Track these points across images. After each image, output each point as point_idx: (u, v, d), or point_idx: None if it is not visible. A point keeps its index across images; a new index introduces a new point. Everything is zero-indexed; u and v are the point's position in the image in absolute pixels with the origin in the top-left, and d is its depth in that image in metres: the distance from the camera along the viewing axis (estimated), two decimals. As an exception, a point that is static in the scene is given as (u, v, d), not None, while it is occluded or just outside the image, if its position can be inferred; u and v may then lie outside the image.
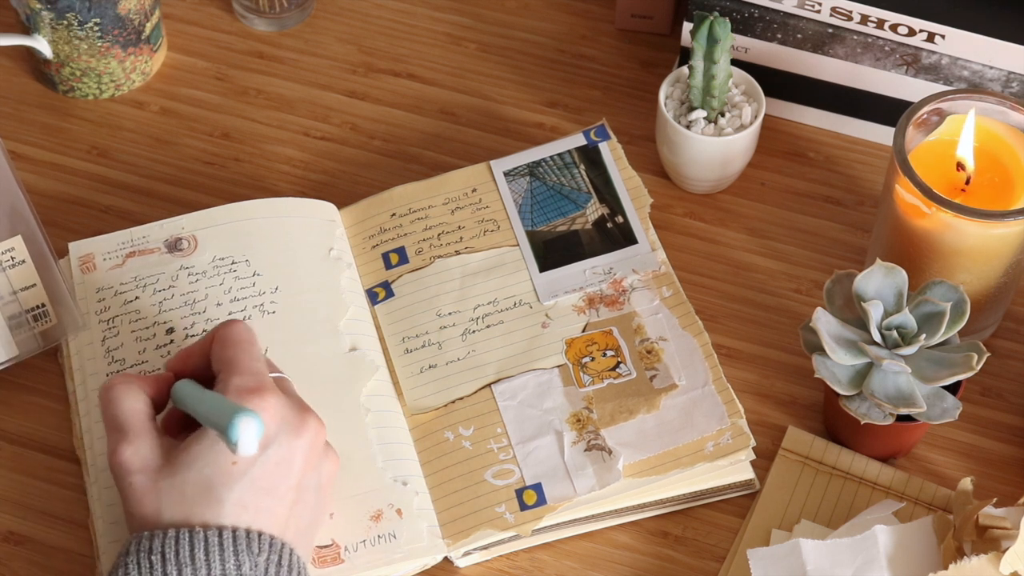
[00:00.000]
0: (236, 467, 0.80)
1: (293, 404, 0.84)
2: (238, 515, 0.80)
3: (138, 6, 1.11)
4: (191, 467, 0.80)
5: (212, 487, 0.80)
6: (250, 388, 0.82)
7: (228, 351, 0.85)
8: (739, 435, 0.94)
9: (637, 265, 1.02)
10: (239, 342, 0.85)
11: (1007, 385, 1.01)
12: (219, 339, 0.86)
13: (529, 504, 0.92)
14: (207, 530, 0.79)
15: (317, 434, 0.84)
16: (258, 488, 0.81)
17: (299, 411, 0.84)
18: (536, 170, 1.06)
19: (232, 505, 0.80)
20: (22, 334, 0.96)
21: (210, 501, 0.80)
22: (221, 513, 0.80)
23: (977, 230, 0.93)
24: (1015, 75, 1.04)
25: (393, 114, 1.15)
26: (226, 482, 0.80)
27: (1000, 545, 0.87)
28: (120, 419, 0.83)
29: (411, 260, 1.03)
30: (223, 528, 0.79)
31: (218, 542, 0.79)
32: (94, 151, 1.12)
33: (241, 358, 0.84)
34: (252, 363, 0.84)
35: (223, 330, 0.86)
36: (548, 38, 1.19)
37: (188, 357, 0.88)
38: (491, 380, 0.97)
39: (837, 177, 1.11)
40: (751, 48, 1.10)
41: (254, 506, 0.81)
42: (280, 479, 0.82)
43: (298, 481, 0.83)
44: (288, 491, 0.82)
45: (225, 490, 0.80)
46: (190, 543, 0.78)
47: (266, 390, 0.82)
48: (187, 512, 0.80)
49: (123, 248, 1.01)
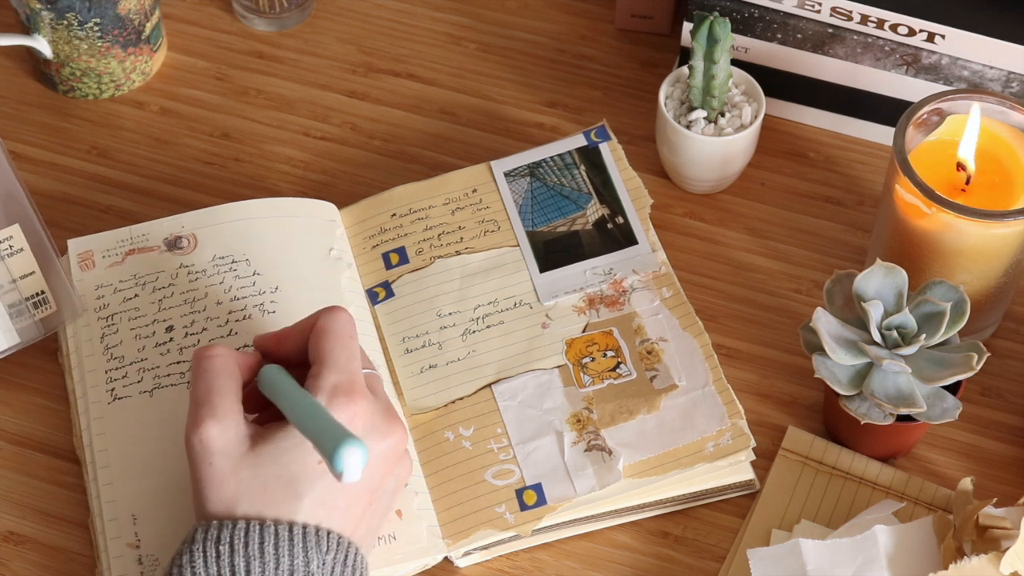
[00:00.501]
0: (320, 466, 0.80)
1: (381, 408, 0.83)
2: (314, 513, 0.79)
3: (138, 6, 1.11)
4: (276, 461, 0.79)
5: (294, 483, 0.79)
6: (343, 389, 0.81)
7: (327, 343, 0.83)
8: (739, 436, 0.94)
9: (637, 266, 1.02)
10: (340, 335, 0.83)
11: (1007, 385, 1.01)
12: (319, 329, 0.84)
13: (529, 504, 0.92)
14: (278, 524, 0.78)
15: (400, 441, 0.83)
16: (338, 490, 0.80)
17: (386, 416, 0.83)
18: (536, 171, 1.06)
19: (310, 503, 0.79)
20: (22, 322, 0.96)
21: (289, 497, 0.79)
22: (298, 509, 0.79)
23: (977, 230, 0.93)
24: (1015, 75, 1.04)
25: (393, 114, 1.15)
26: (308, 480, 0.79)
27: (1000, 545, 0.87)
28: (213, 393, 0.81)
29: (411, 260, 1.03)
30: (294, 524, 0.79)
31: (288, 537, 0.78)
32: (94, 151, 1.12)
33: (338, 353, 0.83)
34: (348, 361, 0.83)
35: (324, 319, 0.84)
36: (548, 38, 1.19)
37: (282, 340, 0.86)
38: (491, 380, 0.97)
39: (837, 177, 1.11)
40: (751, 48, 1.10)
41: (331, 505, 0.80)
42: (361, 482, 0.81)
43: (377, 485, 0.82)
44: (365, 493, 0.82)
45: (306, 488, 0.79)
46: (260, 536, 0.78)
47: (357, 392, 0.81)
48: (264, 505, 0.79)
49: (122, 246, 1.01)
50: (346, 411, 0.80)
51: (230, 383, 0.82)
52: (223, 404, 0.81)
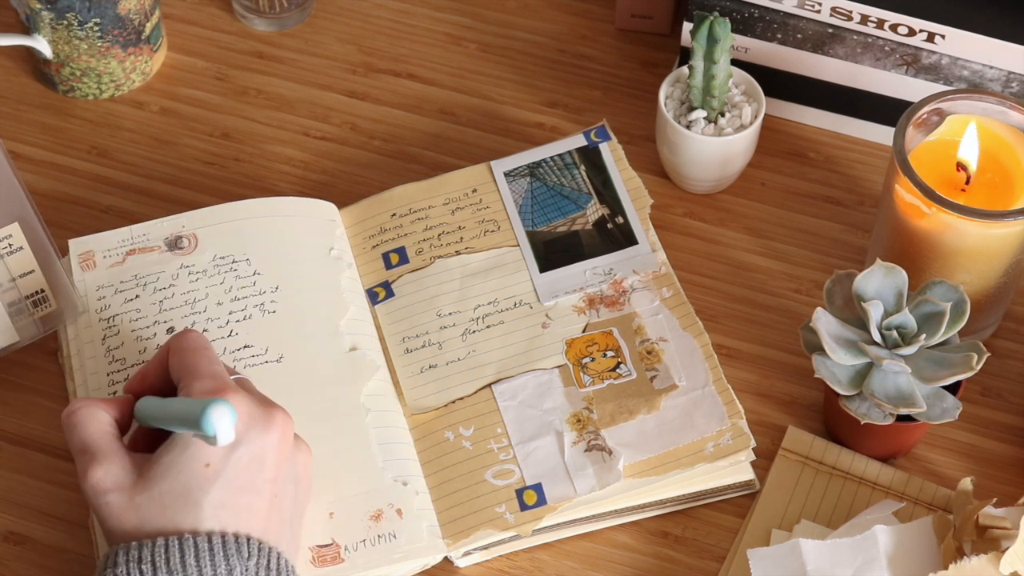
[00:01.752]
0: (210, 469, 0.80)
1: (257, 400, 0.84)
2: (218, 516, 0.80)
3: (138, 6, 1.11)
4: (165, 477, 0.80)
5: (189, 492, 0.80)
6: (212, 390, 0.82)
7: (185, 359, 0.85)
8: (739, 436, 0.94)
9: (637, 266, 1.02)
10: (195, 349, 0.85)
11: (1007, 385, 1.01)
12: (174, 350, 0.86)
13: (529, 504, 0.92)
14: (196, 536, 0.79)
15: (286, 426, 0.84)
16: (235, 487, 0.81)
17: (264, 406, 0.84)
18: (536, 171, 1.06)
19: (211, 507, 0.80)
20: (22, 320, 0.96)
21: (189, 506, 0.80)
22: (201, 516, 0.80)
23: (977, 230, 0.93)
24: (1015, 75, 1.04)
25: (393, 114, 1.15)
26: (202, 485, 0.80)
27: (1000, 545, 0.87)
28: (87, 442, 0.83)
29: (411, 260, 1.03)
30: (211, 533, 0.79)
31: (208, 547, 0.79)
32: (94, 151, 1.12)
33: (199, 363, 0.84)
34: (211, 366, 0.84)
35: (176, 341, 0.86)
36: (548, 38, 1.19)
37: (145, 376, 0.88)
38: (491, 380, 0.97)
39: (837, 177, 1.11)
40: (751, 48, 1.10)
41: (233, 505, 0.81)
42: (255, 475, 0.82)
43: (274, 475, 0.83)
44: (265, 485, 0.82)
45: (202, 493, 0.80)
46: (180, 550, 0.78)
47: (229, 390, 0.82)
48: (168, 521, 0.80)
49: (123, 246, 1.01)
50: None
51: (101, 427, 0.84)
52: (100, 447, 0.82)
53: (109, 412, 0.85)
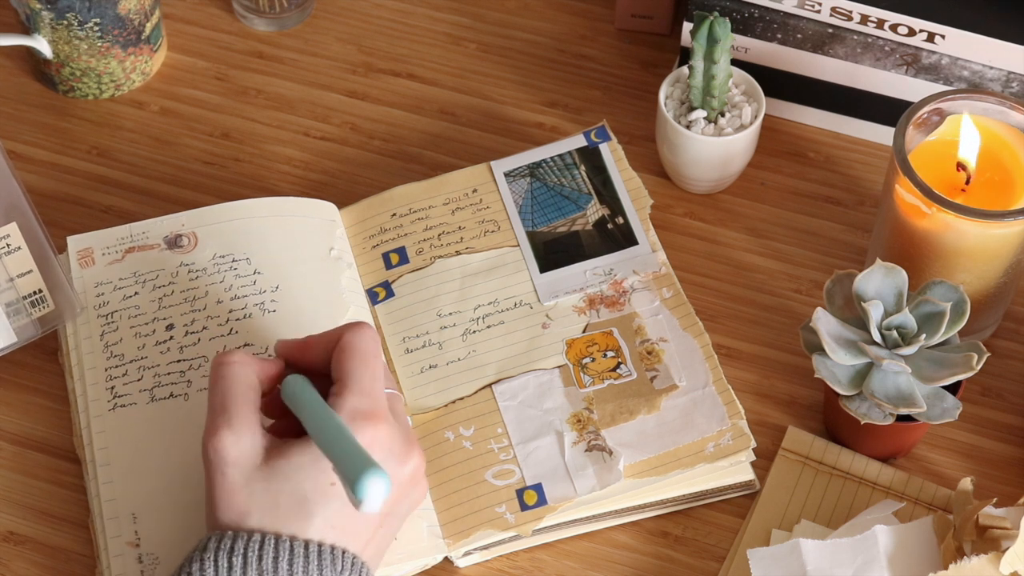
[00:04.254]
0: (334, 488, 0.79)
1: (401, 433, 0.82)
2: (324, 532, 0.79)
3: (138, 6, 1.11)
4: (290, 477, 0.79)
5: (306, 502, 0.79)
6: (365, 413, 0.80)
7: (351, 362, 0.82)
8: (739, 436, 0.94)
9: (637, 266, 1.02)
10: (364, 354, 0.83)
11: (1007, 385, 1.01)
12: (343, 345, 0.83)
13: (530, 504, 0.92)
14: (294, 540, 0.78)
15: (419, 467, 0.83)
16: (351, 512, 0.79)
17: (406, 441, 0.82)
18: (536, 171, 1.06)
19: (321, 523, 0.79)
20: (20, 321, 0.96)
21: (302, 515, 0.78)
22: (309, 528, 0.78)
23: (977, 230, 0.93)
24: (1015, 75, 1.04)
25: (393, 114, 1.15)
26: (321, 500, 0.79)
27: (1000, 545, 0.87)
28: (229, 401, 0.80)
29: (411, 260, 1.03)
30: (309, 541, 0.78)
31: (303, 553, 0.78)
32: (94, 151, 1.12)
33: (363, 374, 0.82)
34: (372, 382, 0.82)
35: (349, 335, 0.83)
36: (548, 38, 1.19)
37: (305, 349, 0.85)
38: (491, 380, 0.97)
39: (837, 177, 1.11)
40: (751, 48, 1.10)
41: (341, 527, 0.79)
42: None
43: (391, 508, 0.82)
44: (377, 517, 0.81)
45: (318, 507, 0.79)
46: (275, 550, 0.77)
47: (380, 417, 0.80)
48: (274, 520, 0.78)
49: (122, 243, 1.01)
50: (367, 435, 0.79)
51: (248, 392, 0.81)
52: (239, 414, 0.80)
53: (260, 375, 0.83)
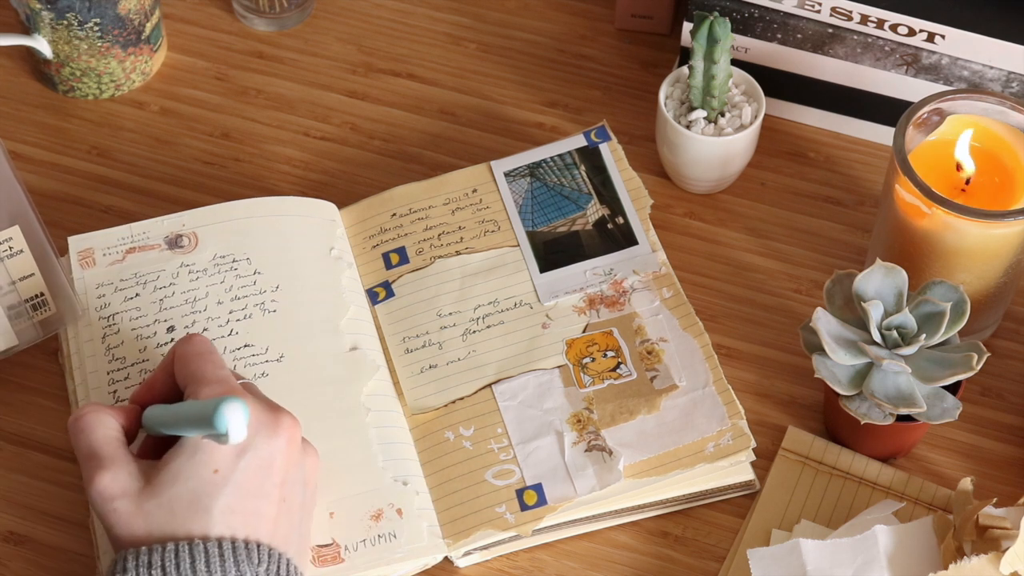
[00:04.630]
0: (219, 475, 0.80)
1: (264, 405, 0.84)
2: (228, 521, 0.80)
3: (138, 6, 1.11)
4: (174, 483, 0.80)
5: (198, 498, 0.80)
6: (220, 394, 0.82)
7: (191, 366, 0.85)
8: (739, 436, 0.94)
9: (637, 266, 1.02)
10: (200, 354, 0.85)
11: (1007, 385, 1.01)
12: (179, 357, 0.86)
13: (530, 504, 0.92)
14: (207, 542, 0.79)
15: (293, 431, 0.84)
16: (244, 492, 0.81)
17: (271, 411, 0.83)
18: (536, 171, 1.06)
19: (221, 512, 0.80)
20: (21, 323, 0.96)
21: (199, 512, 0.80)
22: (210, 522, 0.80)
23: (977, 230, 0.93)
24: (1015, 75, 1.04)
25: (393, 114, 1.15)
26: (211, 491, 0.80)
27: (1000, 545, 0.87)
28: (94, 447, 0.82)
29: (411, 260, 1.03)
30: (222, 539, 0.79)
31: (218, 552, 0.79)
32: (94, 151, 1.12)
33: (205, 368, 0.84)
34: (217, 371, 0.84)
35: (181, 347, 0.86)
36: (548, 38, 1.19)
37: (152, 385, 0.88)
38: (491, 380, 0.97)
39: (837, 177, 1.11)
40: (751, 48, 1.10)
41: (241, 510, 0.80)
42: (264, 480, 0.81)
43: (282, 479, 0.82)
44: (273, 489, 0.82)
45: (211, 499, 0.80)
46: (191, 555, 0.78)
47: (236, 393, 0.82)
48: (177, 527, 0.79)
49: (123, 244, 1.01)
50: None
51: (108, 432, 0.83)
52: (106, 453, 0.82)
53: (116, 419, 0.85)
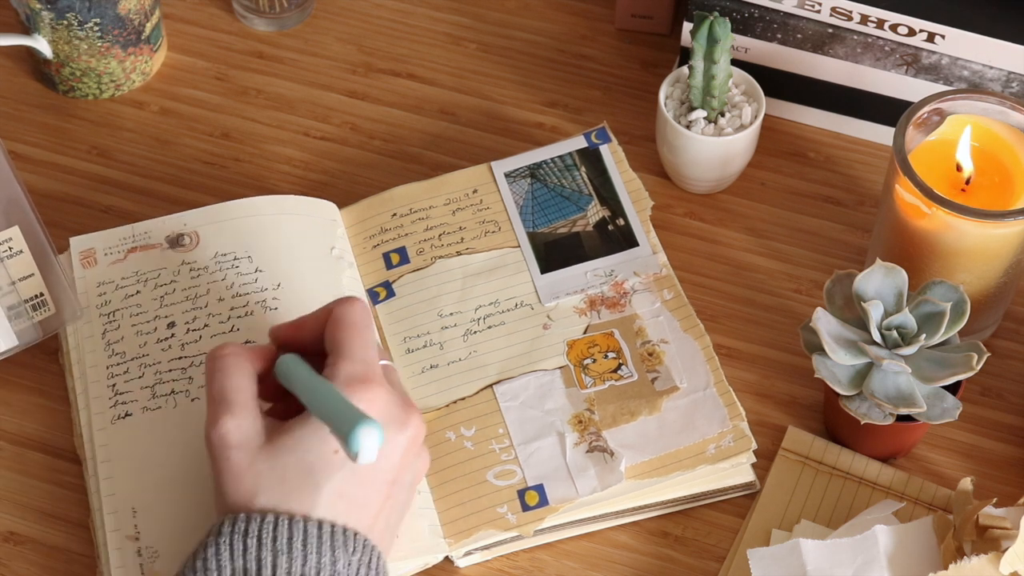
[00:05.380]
0: (338, 456, 0.79)
1: (398, 398, 0.83)
2: (334, 504, 0.79)
3: (138, 6, 1.11)
4: (293, 451, 0.79)
5: (312, 473, 0.79)
6: (359, 378, 0.81)
7: (342, 333, 0.83)
8: (740, 437, 0.94)
9: (638, 267, 1.02)
10: (354, 324, 0.84)
11: (1007, 385, 1.01)
12: (335, 318, 0.84)
13: (531, 505, 0.93)
14: (307, 521, 0.78)
15: (418, 431, 0.83)
16: (357, 480, 0.80)
17: (404, 406, 0.82)
18: (537, 172, 1.06)
19: (329, 494, 0.79)
20: (21, 324, 0.96)
21: (307, 487, 0.79)
22: (317, 501, 0.79)
23: (977, 230, 0.93)
24: (1015, 75, 1.04)
25: (393, 114, 1.15)
26: (326, 470, 0.79)
27: (1000, 545, 0.87)
28: (227, 391, 0.81)
29: (412, 260, 1.03)
30: (323, 521, 0.79)
31: (317, 534, 0.78)
32: (94, 151, 1.12)
33: (354, 343, 0.83)
34: (364, 350, 0.83)
35: (340, 308, 0.84)
36: (548, 38, 1.19)
37: (299, 329, 0.86)
38: (493, 381, 0.97)
39: (837, 177, 1.11)
40: (751, 48, 1.10)
41: (350, 497, 0.80)
42: (378, 473, 0.81)
43: (395, 477, 0.82)
44: (384, 485, 0.81)
45: (324, 478, 0.79)
46: (289, 531, 0.78)
47: (374, 382, 0.81)
48: (283, 496, 0.79)
49: (124, 243, 1.01)
50: (363, 400, 0.80)
51: (243, 380, 0.82)
52: (237, 400, 0.81)
53: (255, 365, 0.84)
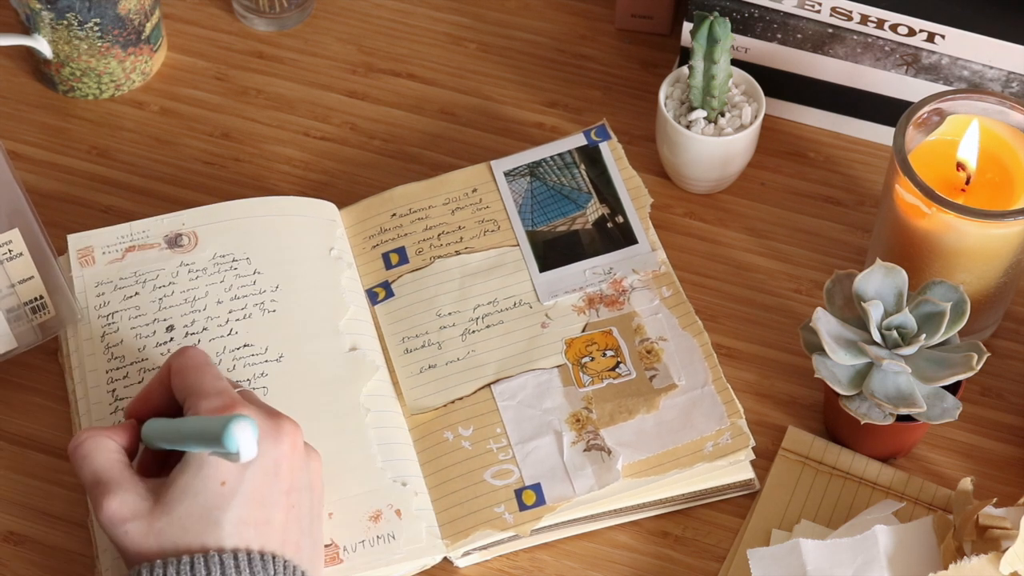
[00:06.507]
0: (226, 487, 0.80)
1: (264, 412, 0.84)
2: (240, 533, 0.80)
3: (138, 6, 1.11)
4: (183, 499, 0.80)
5: (209, 512, 0.80)
6: (221, 407, 0.82)
7: (188, 378, 0.85)
8: (738, 435, 0.94)
9: (637, 265, 1.02)
10: (197, 366, 0.85)
11: (1007, 385, 1.01)
12: (175, 370, 0.86)
13: (528, 504, 0.92)
14: (222, 553, 0.79)
15: (295, 436, 0.84)
16: (253, 502, 0.81)
17: (272, 418, 0.83)
18: (536, 170, 1.06)
19: (232, 524, 0.80)
20: (20, 326, 0.96)
21: (210, 526, 0.80)
22: (222, 535, 0.80)
23: (977, 230, 0.93)
24: (1015, 75, 1.04)
25: (393, 114, 1.15)
26: (220, 504, 0.80)
27: (1000, 545, 0.87)
28: (98, 472, 0.82)
29: (411, 260, 1.03)
30: (236, 550, 0.79)
31: (234, 564, 0.79)
32: (94, 151, 1.12)
33: (203, 381, 0.84)
34: (215, 383, 0.84)
35: (176, 360, 0.86)
36: (548, 38, 1.19)
37: (148, 398, 0.87)
38: (490, 380, 0.97)
39: (837, 177, 1.11)
40: (751, 48, 1.10)
41: (253, 520, 0.80)
42: (271, 488, 0.82)
43: (288, 485, 0.83)
44: (281, 496, 0.82)
45: (221, 512, 0.80)
46: (206, 567, 0.78)
47: (237, 404, 0.82)
48: (189, 541, 0.79)
49: (123, 242, 1.01)
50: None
51: (110, 456, 0.83)
52: (111, 477, 0.82)
53: (116, 440, 0.84)
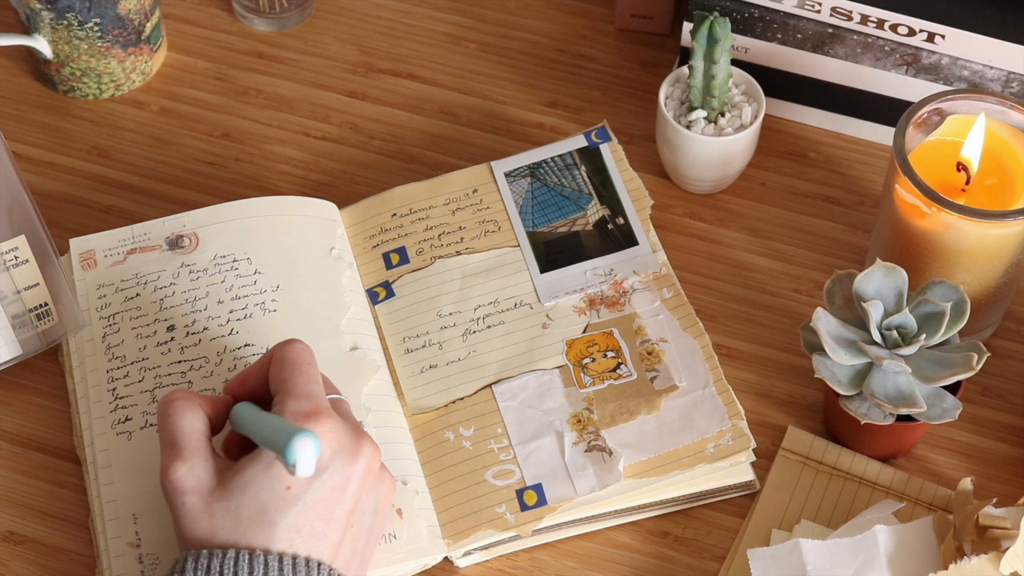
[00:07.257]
0: (291, 492, 0.80)
1: (349, 428, 0.83)
2: (291, 539, 0.80)
3: (138, 6, 1.11)
4: (245, 491, 0.80)
5: (266, 511, 0.80)
6: (306, 412, 0.81)
7: (284, 372, 0.84)
8: (739, 436, 0.94)
9: (638, 266, 1.02)
10: (296, 363, 0.84)
11: (1007, 385, 1.01)
12: (276, 360, 0.85)
13: (529, 504, 0.92)
14: (267, 554, 0.79)
15: (372, 458, 0.83)
16: (313, 514, 0.80)
17: (355, 435, 0.83)
18: (537, 171, 1.06)
19: (285, 530, 0.80)
20: (25, 333, 0.96)
21: (264, 525, 0.79)
22: (274, 537, 0.79)
23: (977, 230, 0.93)
24: (1015, 75, 1.04)
25: (393, 114, 1.15)
26: (280, 507, 0.80)
27: (1000, 545, 0.87)
28: (177, 436, 0.82)
29: (412, 260, 1.03)
30: (283, 554, 0.79)
31: (278, 566, 0.78)
32: (94, 151, 1.12)
33: (297, 380, 0.83)
34: (308, 385, 0.83)
35: (280, 351, 0.85)
36: (548, 38, 1.19)
37: (246, 379, 0.87)
38: (492, 380, 0.97)
39: (837, 177, 1.11)
40: (751, 48, 1.10)
41: (307, 531, 0.80)
42: (335, 504, 0.81)
43: (353, 505, 0.82)
44: (343, 515, 0.81)
45: (279, 515, 0.80)
46: (250, 565, 0.78)
47: (322, 414, 0.81)
48: (240, 535, 0.79)
49: (124, 245, 1.01)
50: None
51: (194, 423, 0.83)
52: (187, 444, 0.82)
53: (205, 409, 0.84)
